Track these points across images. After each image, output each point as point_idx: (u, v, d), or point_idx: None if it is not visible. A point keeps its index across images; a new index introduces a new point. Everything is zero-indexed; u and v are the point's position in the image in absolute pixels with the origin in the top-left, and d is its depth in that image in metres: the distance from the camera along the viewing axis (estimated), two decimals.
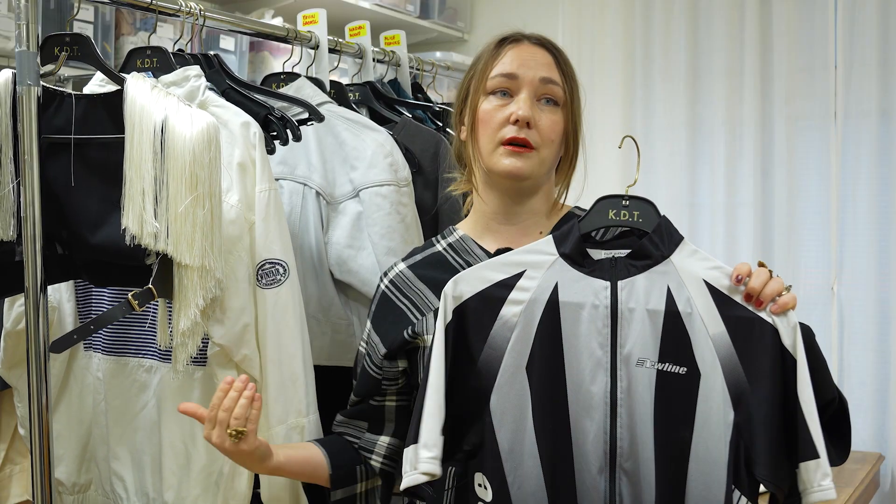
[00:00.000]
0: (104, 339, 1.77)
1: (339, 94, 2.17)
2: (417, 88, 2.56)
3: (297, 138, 1.78)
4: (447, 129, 2.28)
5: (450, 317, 1.36)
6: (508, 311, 1.36)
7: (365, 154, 1.89)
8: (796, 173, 3.07)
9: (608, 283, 1.34)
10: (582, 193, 1.59)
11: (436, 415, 1.32)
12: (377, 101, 2.29)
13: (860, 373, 3.00)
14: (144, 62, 1.74)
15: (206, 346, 1.64)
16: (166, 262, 1.49)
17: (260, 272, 1.63)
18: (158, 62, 1.73)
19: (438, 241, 1.59)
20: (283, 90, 2.00)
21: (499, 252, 1.48)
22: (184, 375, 1.67)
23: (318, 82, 2.10)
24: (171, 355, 1.57)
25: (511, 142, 1.46)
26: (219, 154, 1.51)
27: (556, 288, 1.35)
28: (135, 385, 1.74)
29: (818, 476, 1.28)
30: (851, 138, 2.99)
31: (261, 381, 1.64)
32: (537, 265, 1.37)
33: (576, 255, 1.37)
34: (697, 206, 3.23)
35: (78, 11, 1.78)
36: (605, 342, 1.33)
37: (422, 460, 1.31)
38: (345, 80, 2.39)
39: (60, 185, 1.52)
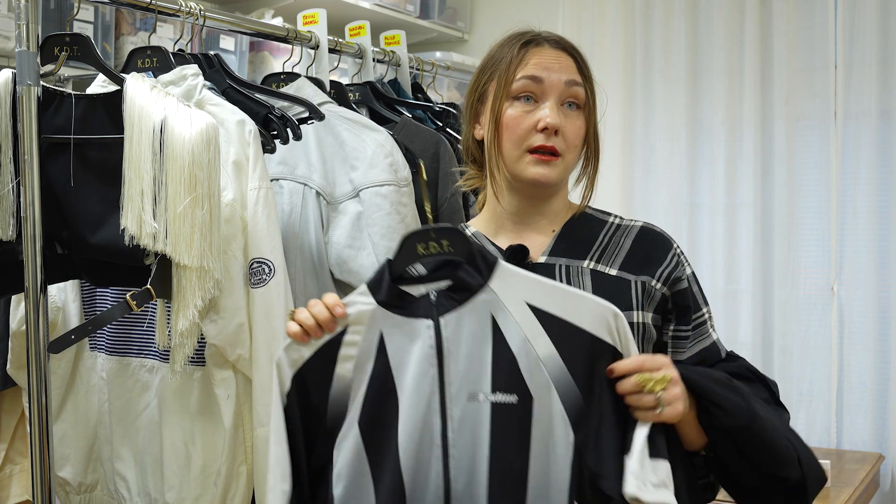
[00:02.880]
0: (108, 339, 1.77)
1: (339, 94, 2.17)
2: (417, 88, 2.56)
3: (298, 137, 1.78)
4: (447, 129, 2.28)
5: (288, 385, 1.31)
6: (342, 368, 1.30)
7: (365, 154, 1.89)
8: (796, 173, 3.06)
9: (431, 322, 1.29)
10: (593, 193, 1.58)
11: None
12: (377, 101, 2.29)
13: (860, 373, 3.00)
14: (145, 62, 1.75)
15: (204, 347, 1.64)
16: (165, 262, 1.49)
17: (249, 271, 1.63)
18: (159, 62, 1.73)
19: None
20: (283, 90, 2.00)
21: (511, 249, 1.47)
22: (182, 375, 1.67)
23: (318, 82, 2.10)
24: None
25: (539, 149, 1.45)
26: (218, 154, 1.51)
27: (381, 338, 1.30)
28: (137, 385, 1.74)
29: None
30: (851, 138, 2.99)
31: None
32: (357, 319, 1.31)
33: (392, 299, 1.31)
34: (697, 206, 3.23)
35: (78, 11, 1.78)
36: (433, 382, 1.28)
37: None
38: (345, 80, 2.39)
39: (60, 185, 1.52)
